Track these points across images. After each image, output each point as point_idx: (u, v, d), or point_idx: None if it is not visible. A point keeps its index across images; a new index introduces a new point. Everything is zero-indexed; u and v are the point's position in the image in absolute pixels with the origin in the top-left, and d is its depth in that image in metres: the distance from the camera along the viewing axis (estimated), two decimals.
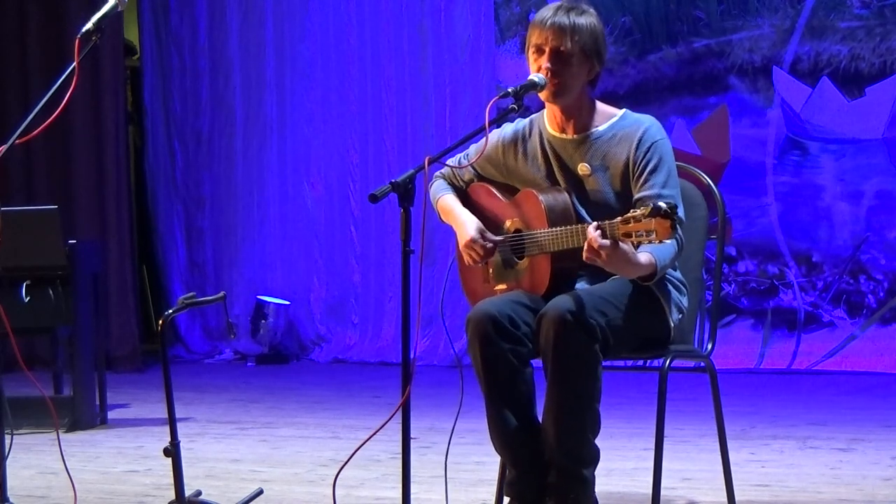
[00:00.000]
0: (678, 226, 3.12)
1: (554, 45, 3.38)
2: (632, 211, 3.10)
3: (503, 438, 3.43)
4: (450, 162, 3.55)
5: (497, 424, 3.42)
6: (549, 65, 3.38)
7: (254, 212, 9.04)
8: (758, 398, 6.48)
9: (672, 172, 3.43)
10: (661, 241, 3.08)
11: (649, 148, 3.41)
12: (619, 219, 3.11)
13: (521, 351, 3.37)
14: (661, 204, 3.03)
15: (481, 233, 3.52)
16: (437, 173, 3.71)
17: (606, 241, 3.13)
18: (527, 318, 3.38)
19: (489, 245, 3.50)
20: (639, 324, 3.40)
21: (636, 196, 3.40)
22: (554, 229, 3.37)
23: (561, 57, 3.39)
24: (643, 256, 3.25)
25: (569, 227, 3.34)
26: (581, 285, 3.47)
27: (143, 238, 9.37)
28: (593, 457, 3.39)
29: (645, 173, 3.39)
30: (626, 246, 3.15)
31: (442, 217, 3.67)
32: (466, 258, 3.55)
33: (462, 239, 3.54)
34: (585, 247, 3.16)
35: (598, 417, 3.36)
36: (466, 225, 3.54)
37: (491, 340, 3.34)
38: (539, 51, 3.41)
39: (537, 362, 3.39)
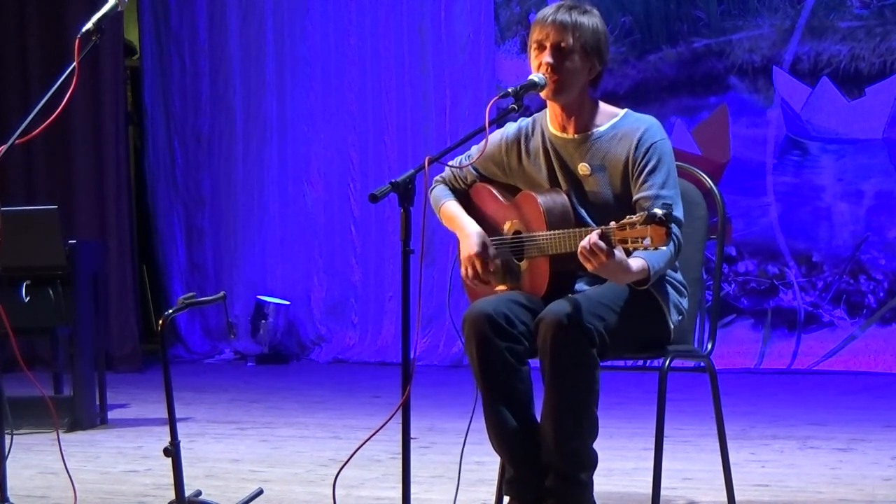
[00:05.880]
0: (675, 229, 3.10)
1: (555, 41, 3.38)
2: (627, 217, 3.09)
3: (501, 437, 3.42)
4: (451, 163, 3.54)
5: (495, 423, 3.41)
6: (549, 60, 3.38)
7: (254, 212, 9.04)
8: (758, 398, 6.48)
9: (671, 173, 3.42)
10: (656, 248, 3.07)
11: (649, 148, 3.40)
12: (614, 225, 3.10)
13: (517, 349, 3.36)
14: (657, 211, 3.02)
15: (484, 247, 3.51)
16: (438, 177, 3.70)
17: (604, 245, 3.11)
18: (523, 316, 3.38)
19: (490, 266, 3.49)
20: (637, 327, 3.39)
21: (635, 196, 3.39)
22: (553, 232, 3.37)
23: (562, 53, 3.38)
24: (636, 262, 3.23)
25: (568, 230, 3.33)
26: (580, 286, 3.47)
27: (143, 238, 9.37)
28: (591, 461, 3.39)
29: (644, 174, 3.38)
30: (619, 253, 3.15)
31: (445, 224, 3.66)
32: (464, 271, 3.54)
33: (465, 251, 3.53)
34: (580, 250, 3.16)
35: (596, 421, 3.35)
36: (471, 237, 3.53)
37: (487, 339, 3.34)
38: (540, 47, 3.41)
39: (535, 362, 3.39)
